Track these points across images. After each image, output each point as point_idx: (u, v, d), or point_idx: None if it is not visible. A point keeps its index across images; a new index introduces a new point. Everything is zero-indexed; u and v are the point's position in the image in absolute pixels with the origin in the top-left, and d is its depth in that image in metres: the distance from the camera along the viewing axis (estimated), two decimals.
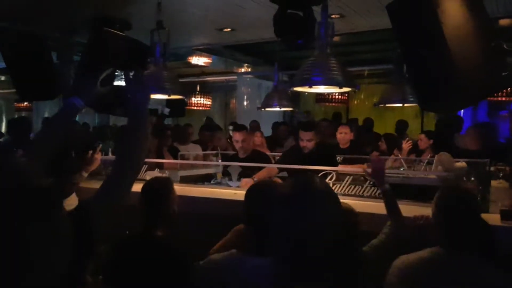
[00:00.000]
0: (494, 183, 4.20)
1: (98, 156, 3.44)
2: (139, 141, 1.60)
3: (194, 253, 2.42)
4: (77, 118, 2.60)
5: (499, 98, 7.14)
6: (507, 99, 7.31)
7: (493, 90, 3.41)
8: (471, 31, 2.70)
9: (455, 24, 2.67)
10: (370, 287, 2.15)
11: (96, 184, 2.61)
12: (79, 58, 5.18)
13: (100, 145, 3.57)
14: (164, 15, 3.88)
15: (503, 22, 5.43)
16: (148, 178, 3.66)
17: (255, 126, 6.94)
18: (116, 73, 1.92)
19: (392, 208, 2.51)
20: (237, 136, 4.30)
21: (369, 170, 2.74)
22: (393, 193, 2.55)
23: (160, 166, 4.47)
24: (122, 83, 1.82)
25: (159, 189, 2.55)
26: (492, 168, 4.36)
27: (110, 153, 4.54)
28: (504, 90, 6.80)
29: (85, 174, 3.38)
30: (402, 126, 7.13)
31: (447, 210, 2.07)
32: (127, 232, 2.71)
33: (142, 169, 4.15)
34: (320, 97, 8.58)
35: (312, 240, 1.20)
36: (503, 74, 2.76)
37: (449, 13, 2.66)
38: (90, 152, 3.51)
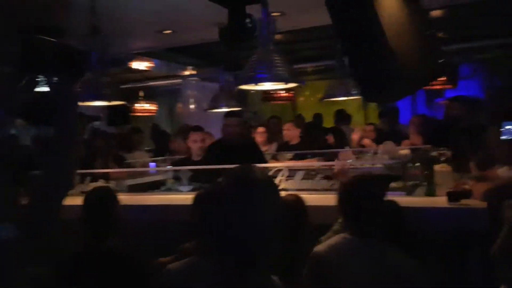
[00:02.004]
0: (437, 167, 4.38)
1: None
2: (67, 153, 1.50)
3: (148, 262, 2.35)
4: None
5: (435, 87, 7.47)
6: (443, 87, 7.67)
7: (431, 79, 3.53)
8: (407, 22, 2.78)
9: (391, 16, 2.73)
10: None
11: None
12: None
13: None
14: (99, 19, 3.74)
15: (435, 13, 5.68)
16: None
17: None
18: (38, 79, 1.80)
19: None
20: (196, 136, 4.21)
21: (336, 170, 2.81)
22: None
23: (105, 177, 4.30)
24: (46, 88, 1.70)
25: (103, 198, 2.47)
26: (434, 153, 4.56)
27: None
28: (440, 79, 7.12)
29: None
30: (339, 116, 7.28)
31: (346, 199, 2.13)
32: (73, 247, 2.59)
33: (86, 181, 4.00)
34: (267, 95, 8.61)
35: (254, 234, 1.16)
36: (439, 61, 2.87)
37: (385, 5, 2.73)
38: None
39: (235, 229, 1.16)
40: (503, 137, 2.49)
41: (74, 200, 2.30)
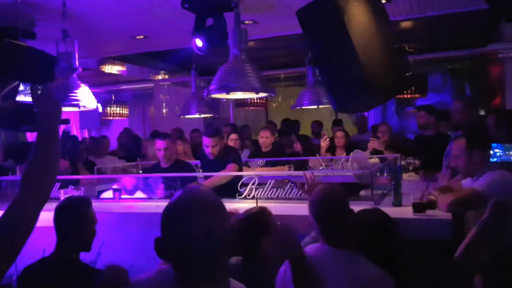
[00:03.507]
0: (405, 176, 4.48)
1: None
2: (50, 159, 1.48)
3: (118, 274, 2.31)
4: None
5: (405, 96, 7.64)
6: (412, 96, 7.86)
7: (399, 90, 3.61)
8: (375, 34, 2.84)
9: (360, 28, 2.79)
10: None
11: None
12: None
13: None
14: (72, 23, 3.68)
15: (405, 24, 5.81)
16: (62, 196, 3.46)
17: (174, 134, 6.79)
18: (21, 88, 1.80)
19: None
20: (160, 145, 4.19)
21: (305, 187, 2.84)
22: None
23: (75, 183, 4.23)
24: (28, 98, 1.69)
25: (73, 209, 2.41)
26: (402, 162, 4.66)
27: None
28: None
29: None
30: (316, 127, 7.44)
31: (317, 212, 2.16)
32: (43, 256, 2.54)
33: (55, 187, 3.91)
34: (240, 101, 8.64)
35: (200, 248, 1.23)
36: (407, 74, 2.94)
37: (355, 18, 2.78)
38: None
39: (182, 244, 1.24)
40: (492, 160, 2.54)
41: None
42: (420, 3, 4.47)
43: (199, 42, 3.53)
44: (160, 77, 8.70)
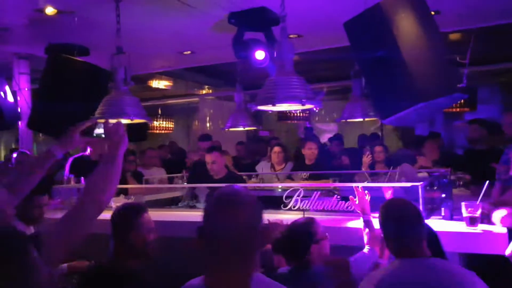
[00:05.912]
0: (455, 191, 4.35)
1: None
2: (112, 177, 1.73)
3: (169, 283, 2.33)
4: None
5: (454, 109, 7.43)
6: (461, 110, 7.63)
7: (449, 103, 3.54)
8: (425, 45, 2.82)
9: (410, 39, 2.78)
10: None
11: None
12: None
13: None
14: (124, 40, 3.84)
15: (453, 36, 5.70)
16: (113, 204, 3.58)
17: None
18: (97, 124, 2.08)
19: (372, 238, 2.56)
20: (208, 158, 4.28)
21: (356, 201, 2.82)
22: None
23: (124, 192, 4.37)
24: (101, 131, 1.98)
25: (127, 216, 2.46)
26: (452, 177, 4.52)
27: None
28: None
29: None
30: (363, 140, 7.38)
31: (389, 224, 2.09)
32: (93, 262, 2.62)
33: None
34: (282, 115, 8.67)
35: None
36: (459, 85, 2.88)
37: (403, 29, 2.77)
38: None
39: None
40: None
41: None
42: (470, 14, 4.38)
43: (260, 55, 3.56)
44: (204, 91, 8.89)
